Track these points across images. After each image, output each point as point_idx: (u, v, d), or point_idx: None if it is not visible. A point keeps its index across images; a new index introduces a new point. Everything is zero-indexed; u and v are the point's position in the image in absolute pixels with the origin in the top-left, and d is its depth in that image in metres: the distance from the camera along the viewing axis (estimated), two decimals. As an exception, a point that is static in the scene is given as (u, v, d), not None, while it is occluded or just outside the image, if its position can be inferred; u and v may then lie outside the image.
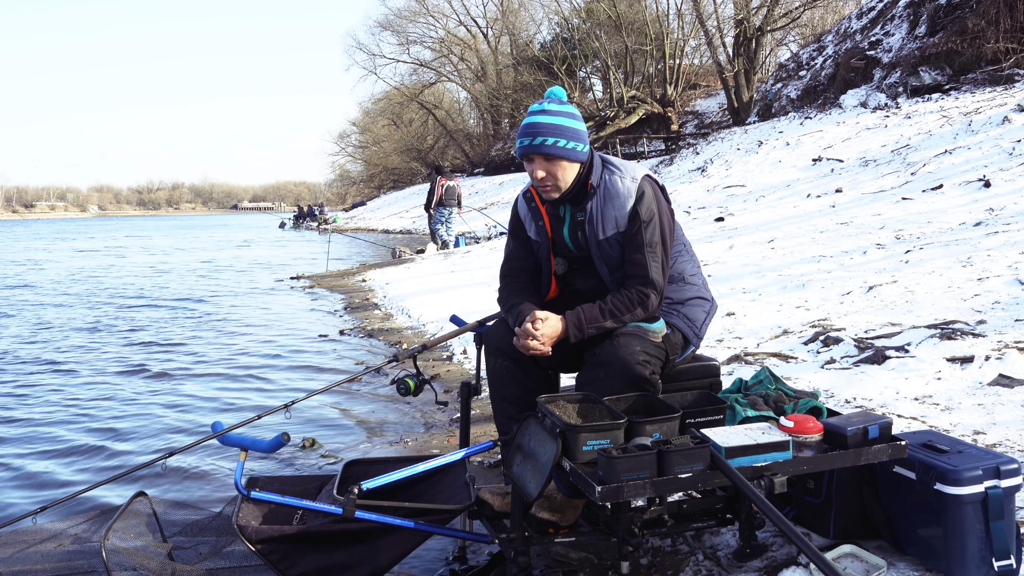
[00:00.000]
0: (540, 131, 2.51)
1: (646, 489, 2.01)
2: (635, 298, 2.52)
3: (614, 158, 2.66)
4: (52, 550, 2.59)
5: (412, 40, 51.70)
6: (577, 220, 2.64)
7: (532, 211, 2.72)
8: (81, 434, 4.83)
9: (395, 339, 7.33)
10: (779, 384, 2.58)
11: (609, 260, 2.61)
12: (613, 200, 2.56)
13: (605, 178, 2.58)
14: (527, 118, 2.56)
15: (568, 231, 2.67)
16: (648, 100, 34.33)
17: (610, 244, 2.58)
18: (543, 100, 2.59)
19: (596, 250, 2.60)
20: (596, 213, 2.57)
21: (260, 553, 2.41)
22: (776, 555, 2.49)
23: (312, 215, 42.92)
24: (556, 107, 2.54)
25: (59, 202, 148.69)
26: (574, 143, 2.52)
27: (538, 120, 2.52)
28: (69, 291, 13.29)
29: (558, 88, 2.62)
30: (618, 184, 2.56)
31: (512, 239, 2.83)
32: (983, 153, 10.69)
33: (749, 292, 6.60)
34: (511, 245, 2.84)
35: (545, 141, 2.50)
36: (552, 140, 2.50)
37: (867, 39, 20.10)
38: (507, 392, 2.67)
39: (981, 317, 4.65)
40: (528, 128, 2.53)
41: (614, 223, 2.56)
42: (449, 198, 15.94)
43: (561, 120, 2.52)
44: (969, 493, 2.18)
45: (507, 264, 2.83)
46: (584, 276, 2.71)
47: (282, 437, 2.46)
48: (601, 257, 2.61)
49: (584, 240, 2.64)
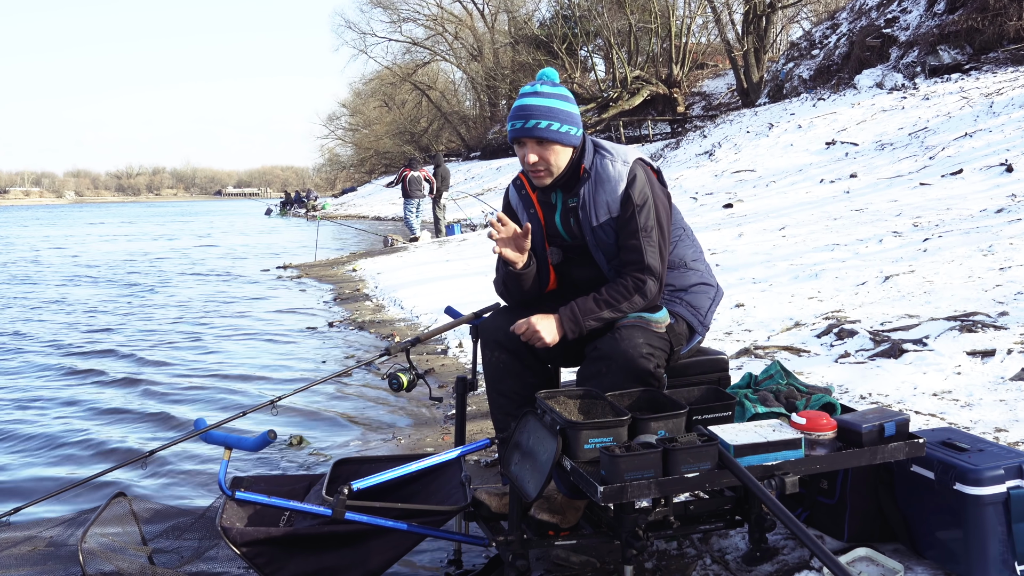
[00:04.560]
0: (533, 114, 2.51)
1: (651, 489, 2.01)
2: (631, 285, 2.53)
3: (606, 142, 2.67)
4: (26, 553, 2.59)
5: (404, 17, 51.67)
6: (569, 207, 2.65)
7: (523, 199, 2.73)
8: (56, 431, 4.82)
9: (387, 332, 7.33)
10: (791, 379, 2.58)
11: (605, 248, 2.61)
12: (604, 184, 2.57)
13: (596, 162, 2.59)
14: (518, 100, 2.56)
15: (560, 218, 2.68)
16: (653, 81, 34.27)
17: (604, 231, 2.59)
18: (535, 82, 2.60)
19: (591, 238, 2.61)
20: (588, 199, 2.58)
21: (245, 556, 2.41)
22: (787, 559, 2.50)
23: (300, 201, 42.93)
24: (549, 89, 2.55)
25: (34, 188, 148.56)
26: (568, 126, 2.54)
27: (530, 102, 2.53)
28: (35, 279, 13.28)
29: (550, 70, 2.63)
30: (609, 168, 2.57)
31: None
32: (1005, 136, 10.68)
33: (759, 282, 6.60)
34: None
35: (538, 124, 2.51)
36: (545, 123, 2.51)
37: (883, 16, 20.06)
38: (504, 387, 2.67)
39: (1003, 308, 4.65)
40: (520, 111, 2.54)
41: (606, 208, 2.57)
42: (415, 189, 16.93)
43: (554, 103, 2.53)
44: (990, 493, 2.18)
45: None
46: (581, 265, 2.71)
47: (268, 435, 2.46)
48: (597, 245, 2.62)
49: (578, 228, 2.65)
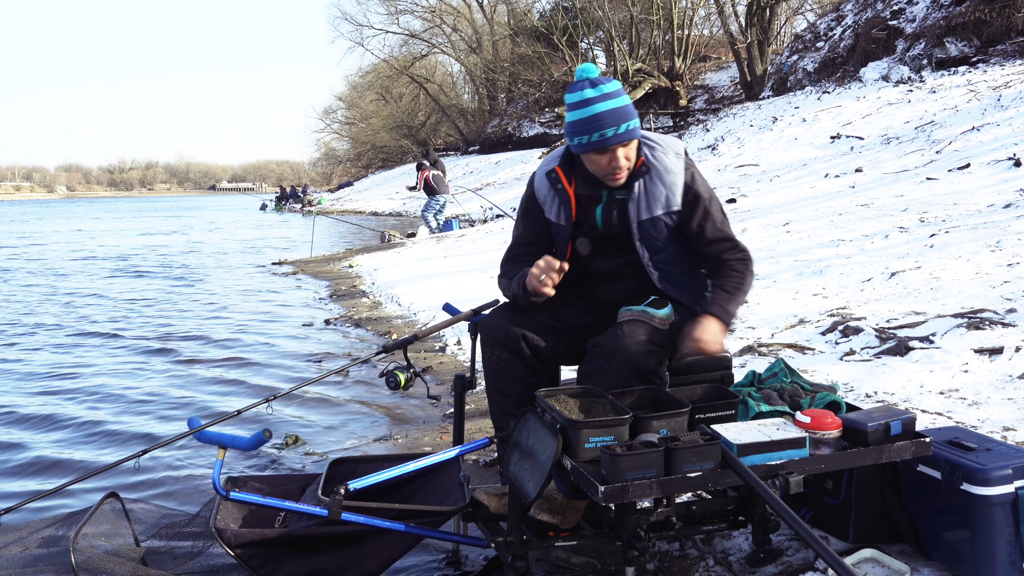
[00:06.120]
0: (618, 118, 2.45)
1: (652, 489, 2.01)
2: (742, 266, 2.56)
3: (646, 132, 2.63)
4: (17, 555, 2.58)
5: (401, 9, 51.41)
6: (615, 199, 2.62)
7: (558, 192, 2.65)
8: (47, 430, 4.82)
9: (384, 329, 7.33)
10: (795, 377, 2.58)
11: (650, 241, 2.59)
12: (662, 177, 2.56)
13: (649, 154, 2.57)
14: (589, 108, 2.45)
15: (602, 210, 2.63)
16: (655, 73, 34.20)
17: (655, 224, 2.57)
18: (591, 84, 2.49)
19: (637, 231, 2.59)
20: (641, 192, 2.56)
21: (240, 558, 2.41)
22: (792, 560, 2.50)
23: (295, 196, 42.83)
24: (610, 87, 2.49)
25: (24, 182, 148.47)
26: (637, 120, 2.52)
27: (607, 107, 2.45)
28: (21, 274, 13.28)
29: (590, 65, 2.54)
30: (664, 160, 2.56)
31: (524, 222, 2.77)
32: (1013, 130, 10.66)
33: (763, 279, 6.60)
34: (522, 228, 2.78)
35: (628, 127, 2.47)
36: (632, 124, 2.48)
37: (889, 8, 20.02)
38: (504, 386, 2.66)
39: (1011, 305, 4.65)
40: (601, 119, 2.44)
41: (663, 202, 2.55)
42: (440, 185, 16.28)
43: (624, 100, 2.49)
44: (998, 494, 2.18)
45: (515, 249, 2.79)
46: (603, 256, 2.68)
47: (263, 434, 2.46)
48: (642, 239, 2.59)
49: (619, 220, 2.62)
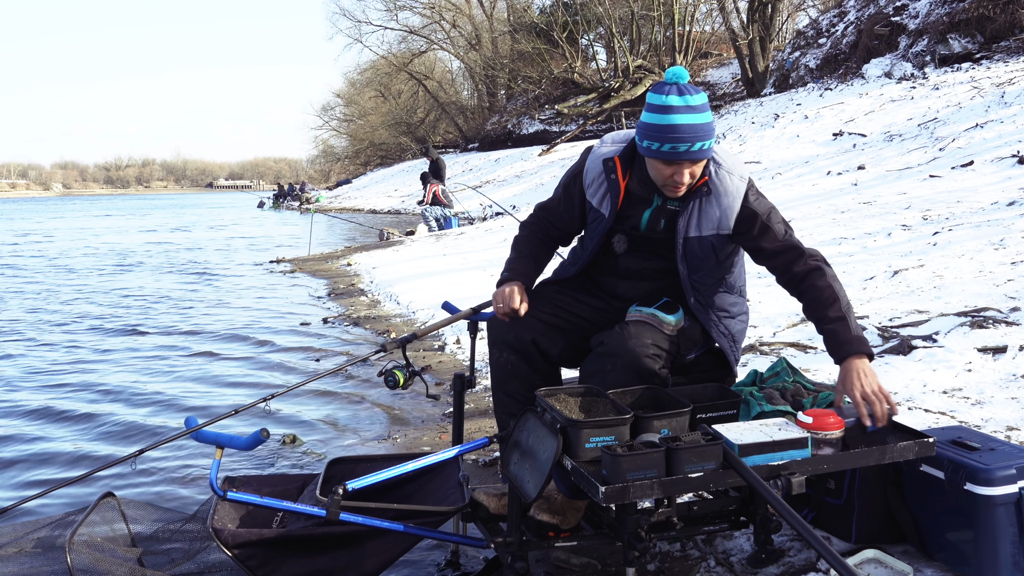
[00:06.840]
0: (695, 135, 2.33)
1: (653, 489, 2.00)
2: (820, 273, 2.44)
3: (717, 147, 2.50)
4: (12, 555, 2.58)
5: (400, 5, 51.36)
6: (667, 208, 2.56)
7: (610, 182, 2.58)
8: (43, 429, 4.82)
9: (383, 327, 7.33)
10: (797, 376, 2.58)
11: (692, 258, 2.54)
12: (720, 199, 2.48)
13: (714, 173, 2.48)
14: (667, 116, 2.34)
15: (651, 214, 2.58)
16: (656, 70, 34.17)
17: (701, 243, 2.52)
18: (677, 91, 2.36)
19: (681, 246, 2.53)
20: (695, 209, 2.49)
21: (237, 559, 2.41)
22: (794, 561, 2.50)
23: (293, 194, 42.81)
24: (697, 100, 2.35)
25: (20, 180, 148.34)
26: (714, 139, 2.42)
27: (689, 121, 2.33)
28: (20, 274, 13.27)
29: (682, 70, 2.39)
30: (726, 181, 2.48)
31: (564, 192, 2.74)
32: (1017, 127, 10.65)
33: (764, 277, 6.58)
34: (560, 196, 2.76)
35: (702, 147, 2.36)
36: (708, 144, 2.37)
37: (892, 4, 20.00)
38: (510, 388, 2.66)
39: (1015, 304, 4.65)
40: (674, 130, 2.33)
41: (715, 223, 2.50)
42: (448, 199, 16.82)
43: (707, 116, 2.36)
44: (1002, 494, 2.18)
45: (541, 212, 2.84)
46: (636, 257, 2.64)
47: (260, 433, 2.45)
48: (685, 255, 2.54)
49: (666, 229, 2.57)
